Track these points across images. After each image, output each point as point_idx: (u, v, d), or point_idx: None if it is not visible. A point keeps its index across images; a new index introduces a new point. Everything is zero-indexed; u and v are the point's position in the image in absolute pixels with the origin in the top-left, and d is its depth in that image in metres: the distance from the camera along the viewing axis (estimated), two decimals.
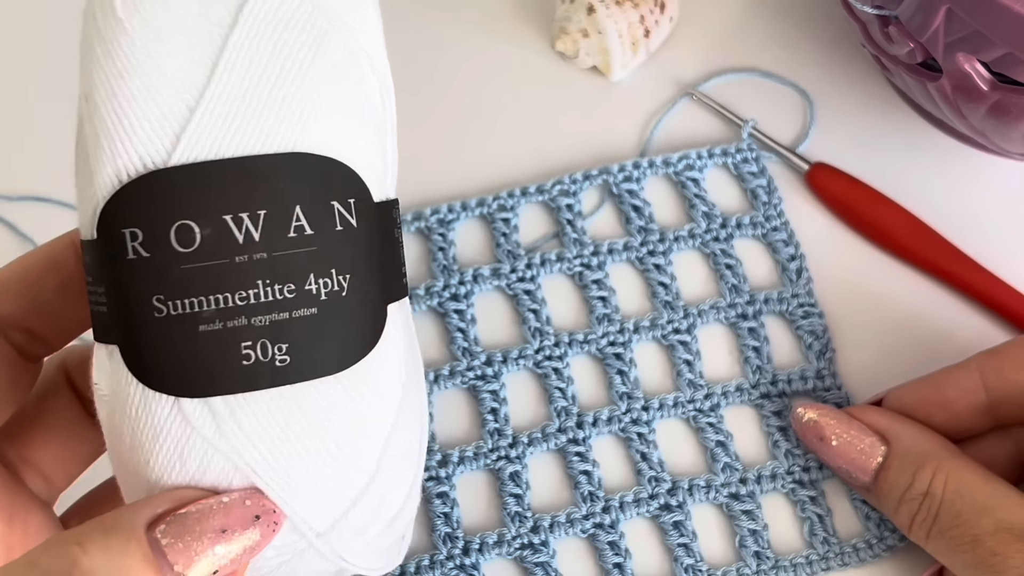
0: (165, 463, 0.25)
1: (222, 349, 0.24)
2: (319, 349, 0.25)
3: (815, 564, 0.37)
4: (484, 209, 0.43)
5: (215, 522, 0.24)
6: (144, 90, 0.25)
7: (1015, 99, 0.35)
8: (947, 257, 0.41)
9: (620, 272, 0.42)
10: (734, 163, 0.44)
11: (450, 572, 0.37)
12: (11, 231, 0.44)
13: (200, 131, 0.24)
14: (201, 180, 0.24)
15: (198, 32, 0.25)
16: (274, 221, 0.25)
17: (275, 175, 0.25)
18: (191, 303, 0.24)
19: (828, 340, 0.41)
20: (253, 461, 0.25)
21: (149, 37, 0.25)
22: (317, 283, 0.25)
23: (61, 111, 0.47)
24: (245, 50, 0.25)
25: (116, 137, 0.25)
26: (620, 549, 0.37)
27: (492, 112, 0.46)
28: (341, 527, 0.26)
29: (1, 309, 0.30)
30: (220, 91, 0.25)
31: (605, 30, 0.44)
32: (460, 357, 0.41)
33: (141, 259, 0.24)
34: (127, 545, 0.23)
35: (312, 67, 0.25)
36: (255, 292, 0.25)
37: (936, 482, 0.33)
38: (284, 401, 0.25)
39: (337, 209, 0.25)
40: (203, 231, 0.24)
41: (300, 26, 0.25)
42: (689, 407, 0.40)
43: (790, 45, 0.47)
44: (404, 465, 0.28)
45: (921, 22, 0.35)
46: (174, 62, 0.25)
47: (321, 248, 0.25)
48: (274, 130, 0.25)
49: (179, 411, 0.24)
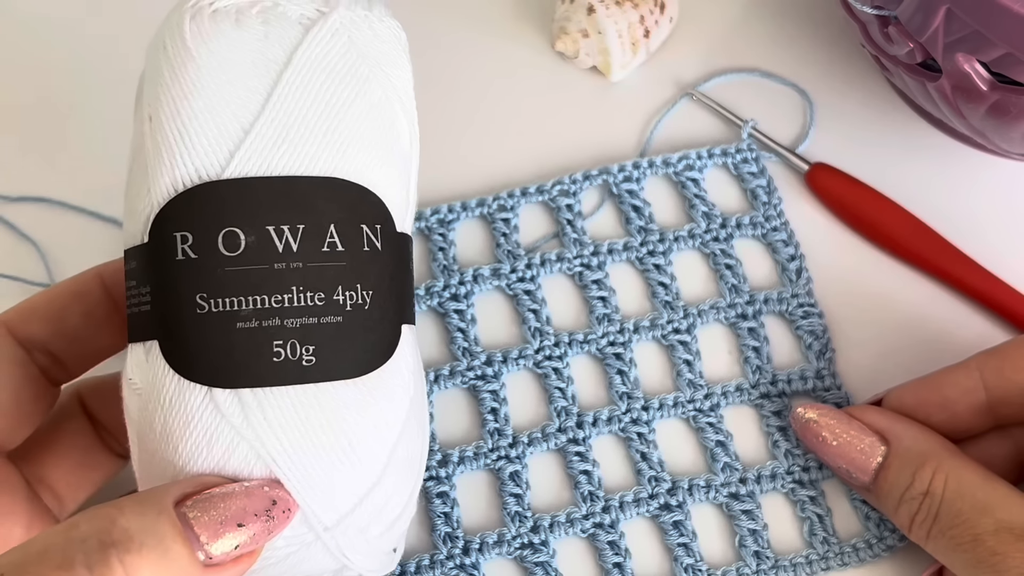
0: (193, 449, 0.27)
1: (256, 345, 0.27)
2: (342, 354, 0.28)
3: (815, 564, 0.37)
4: (484, 209, 0.43)
5: (237, 503, 0.26)
6: (205, 111, 0.28)
7: (1015, 99, 0.35)
8: (947, 257, 0.41)
9: (620, 272, 0.42)
10: (734, 163, 0.44)
11: (450, 572, 0.37)
12: (11, 231, 0.44)
13: (252, 150, 0.27)
14: (249, 193, 0.27)
15: (256, 66, 0.28)
16: (311, 235, 0.28)
17: (314, 195, 0.28)
18: (231, 302, 0.27)
19: (828, 340, 0.41)
20: (274, 451, 0.27)
21: (213, 65, 0.28)
22: (344, 295, 0.28)
23: (62, 112, 0.47)
24: (296, 85, 0.28)
25: (176, 151, 0.28)
26: (620, 549, 0.37)
27: (492, 112, 0.46)
28: (347, 523, 0.28)
29: (29, 332, 0.33)
30: (272, 117, 0.28)
31: (605, 30, 0.44)
32: (460, 357, 0.41)
33: (189, 260, 0.27)
34: (159, 514, 0.25)
35: (353, 105, 0.29)
36: (289, 297, 0.27)
37: (936, 482, 0.33)
38: (307, 398, 0.27)
39: (366, 232, 0.28)
40: (248, 238, 0.27)
41: (345, 69, 0.29)
42: (689, 407, 0.40)
43: (790, 45, 0.47)
44: (407, 471, 0.30)
45: (921, 22, 0.35)
46: (233, 89, 0.28)
47: (349, 264, 0.28)
48: (317, 155, 0.28)
49: (211, 400, 0.27)
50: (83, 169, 0.45)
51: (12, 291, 0.43)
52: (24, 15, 0.49)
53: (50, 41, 0.49)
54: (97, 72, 0.47)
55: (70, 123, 0.47)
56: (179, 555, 0.25)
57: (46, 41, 0.49)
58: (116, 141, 0.45)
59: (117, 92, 0.47)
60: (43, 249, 0.44)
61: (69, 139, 0.46)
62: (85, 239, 0.44)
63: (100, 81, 0.47)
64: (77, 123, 0.47)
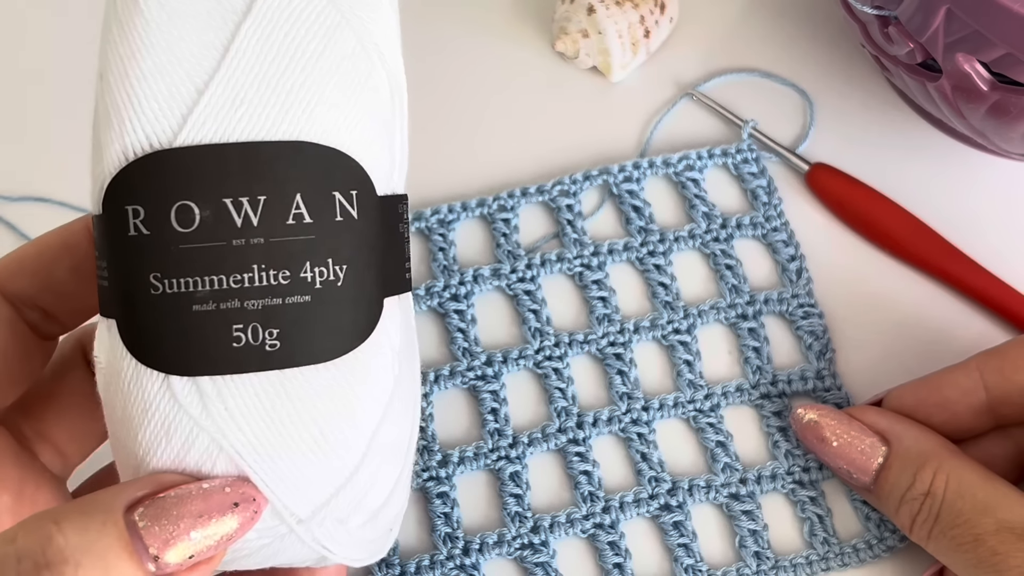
0: (152, 438, 0.25)
1: (214, 330, 0.25)
2: (310, 337, 0.25)
3: (815, 564, 0.37)
4: (484, 209, 0.43)
5: (193, 507, 0.24)
6: (155, 70, 0.25)
7: (1015, 99, 0.35)
8: (947, 257, 0.41)
9: (620, 272, 0.42)
10: (734, 163, 0.44)
11: (450, 572, 0.37)
12: (11, 231, 0.44)
13: (207, 114, 0.25)
14: (204, 162, 0.25)
15: (212, 17, 0.25)
16: (273, 207, 0.25)
17: (277, 162, 0.25)
18: (187, 282, 0.25)
19: (828, 340, 0.41)
20: (237, 443, 0.25)
21: (163, 19, 0.25)
22: (313, 271, 0.25)
23: (61, 112, 0.47)
24: (256, 37, 0.25)
25: (125, 115, 0.25)
26: (620, 549, 0.37)
27: (492, 112, 0.46)
28: (323, 515, 0.26)
29: (17, 287, 0.31)
30: (229, 76, 0.25)
31: (605, 30, 0.44)
32: (460, 357, 0.41)
33: (142, 236, 0.25)
34: (104, 526, 0.23)
35: (321, 58, 0.26)
36: (250, 276, 0.25)
37: (937, 482, 0.33)
38: (272, 386, 0.25)
39: (338, 199, 0.26)
40: (203, 213, 0.25)
41: (313, 17, 0.26)
42: (689, 407, 0.40)
43: (790, 45, 0.47)
44: (391, 459, 0.28)
45: (921, 22, 0.35)
46: (186, 45, 0.25)
47: (319, 237, 0.25)
48: (280, 118, 0.25)
49: (168, 388, 0.25)
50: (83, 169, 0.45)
51: None
52: (24, 15, 0.49)
53: (50, 41, 0.49)
54: None
55: (70, 123, 0.47)
56: (123, 571, 0.23)
57: (46, 41, 0.49)
58: None
59: None
60: None
61: (69, 139, 0.46)
62: None
63: None
64: (77, 123, 0.46)
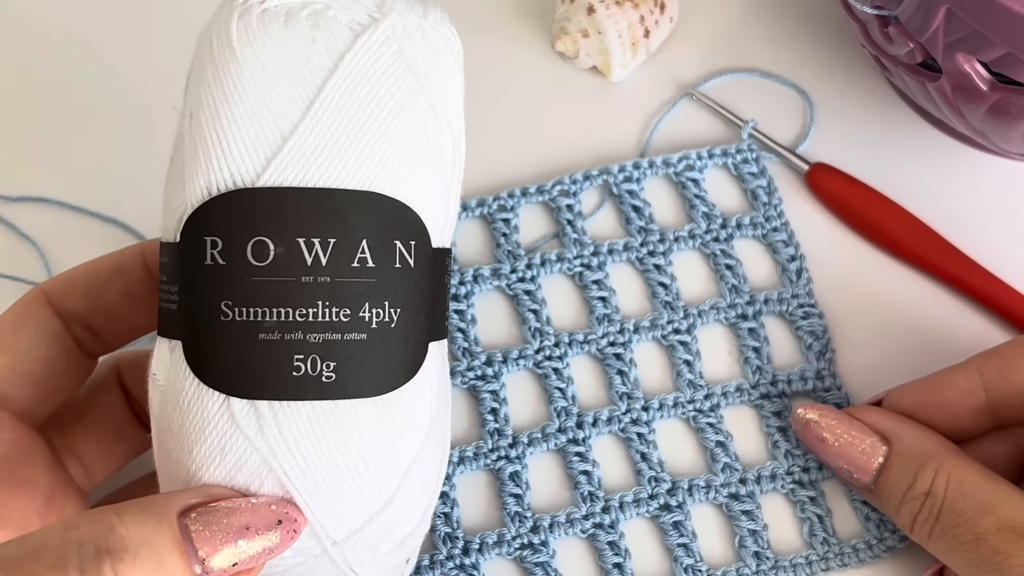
0: (207, 455, 0.27)
1: (276, 358, 0.27)
2: (363, 372, 0.27)
3: (815, 564, 0.37)
4: (484, 209, 0.43)
5: (242, 519, 0.26)
6: (245, 115, 0.27)
7: (1015, 99, 0.35)
8: (947, 257, 0.41)
9: (620, 272, 0.42)
10: (734, 163, 0.44)
11: (450, 572, 0.37)
12: (11, 231, 0.44)
13: (289, 159, 0.27)
14: (282, 203, 0.27)
15: (301, 72, 0.27)
16: (341, 250, 0.27)
17: (349, 209, 0.27)
18: (255, 312, 0.27)
19: (828, 341, 0.41)
20: (286, 465, 0.27)
21: (257, 69, 0.27)
22: (371, 312, 0.27)
23: (62, 112, 0.47)
24: (340, 94, 0.27)
25: (213, 153, 0.27)
26: (620, 549, 0.37)
27: (492, 112, 0.46)
28: (356, 539, 0.28)
29: (69, 304, 0.32)
30: (312, 127, 0.27)
31: (605, 30, 0.44)
32: (460, 357, 0.41)
33: (217, 266, 0.27)
34: (160, 524, 0.25)
35: (396, 118, 0.28)
36: (314, 311, 0.27)
37: (938, 482, 0.33)
38: (323, 415, 0.27)
39: (399, 248, 0.28)
40: (277, 249, 0.27)
41: (391, 81, 0.28)
42: (689, 407, 0.40)
43: (790, 45, 0.47)
44: (422, 492, 0.30)
45: (921, 22, 0.35)
46: (276, 95, 0.27)
47: (379, 281, 0.28)
48: (354, 169, 0.27)
49: (227, 408, 0.27)
50: (83, 169, 0.45)
51: (12, 291, 0.43)
52: (23, 16, 0.49)
53: (50, 42, 0.49)
54: (97, 72, 0.47)
55: (70, 123, 0.47)
56: (174, 568, 0.24)
57: (46, 41, 0.49)
58: (117, 141, 0.45)
59: (118, 92, 0.47)
60: (43, 249, 0.44)
61: (69, 139, 0.46)
62: (85, 239, 0.44)
63: (100, 81, 0.47)
64: (77, 123, 0.47)
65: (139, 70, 0.47)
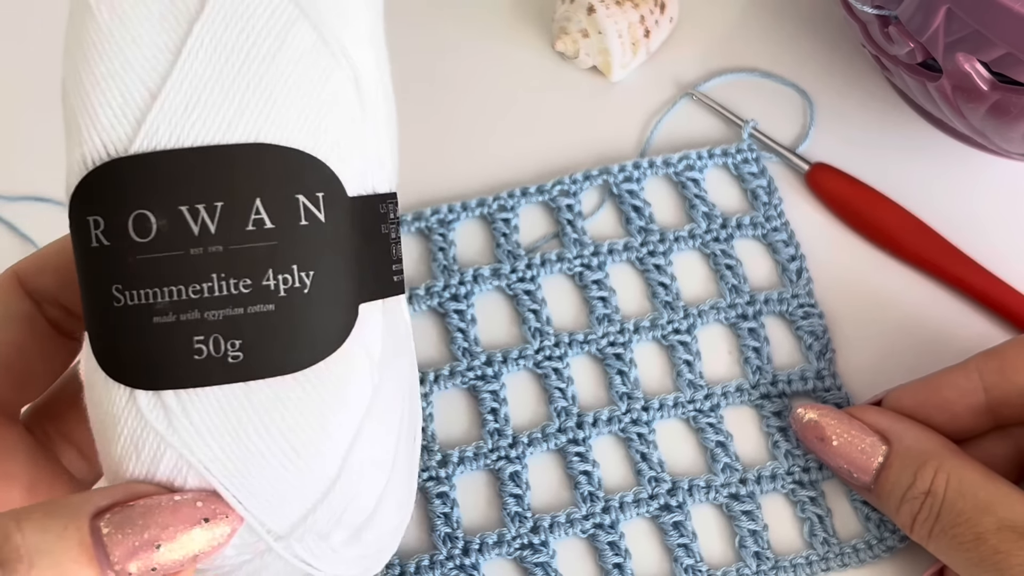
0: (123, 452, 0.25)
1: (174, 342, 0.24)
2: (275, 347, 0.25)
3: (815, 564, 0.37)
4: (484, 209, 0.43)
5: (160, 518, 0.24)
6: (108, 76, 0.24)
7: (1015, 99, 0.35)
8: (947, 257, 0.41)
9: (620, 272, 0.42)
10: (734, 163, 0.44)
11: (450, 572, 0.37)
12: (11, 231, 0.44)
13: (161, 119, 0.24)
14: (159, 169, 0.24)
15: (165, 19, 0.25)
16: (232, 213, 0.24)
17: (234, 166, 0.24)
18: (146, 294, 0.24)
19: (828, 340, 0.41)
20: (205, 458, 0.24)
21: (115, 23, 0.24)
22: (276, 279, 0.25)
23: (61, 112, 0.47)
24: (210, 37, 0.25)
25: (82, 123, 0.25)
26: (620, 549, 0.37)
27: (492, 112, 0.46)
28: (301, 532, 0.26)
29: (39, 283, 0.30)
30: (182, 79, 0.24)
31: (605, 30, 0.44)
32: (460, 357, 0.41)
33: (103, 247, 0.24)
34: (65, 530, 0.23)
35: (278, 56, 0.25)
36: (209, 286, 0.24)
37: (938, 481, 0.33)
38: (237, 399, 0.24)
39: (302, 202, 0.25)
40: (159, 221, 0.24)
41: (268, 14, 0.25)
42: (689, 407, 0.40)
43: (790, 45, 0.47)
44: (372, 473, 0.27)
45: (921, 22, 0.35)
46: (139, 49, 0.24)
47: (282, 243, 0.25)
48: (236, 120, 0.25)
49: (134, 402, 0.24)
50: None
51: None
52: (23, 16, 0.49)
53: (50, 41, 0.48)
54: None
55: None
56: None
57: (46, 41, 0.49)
58: None
59: None
60: None
61: None
62: None
63: None
64: None
65: None
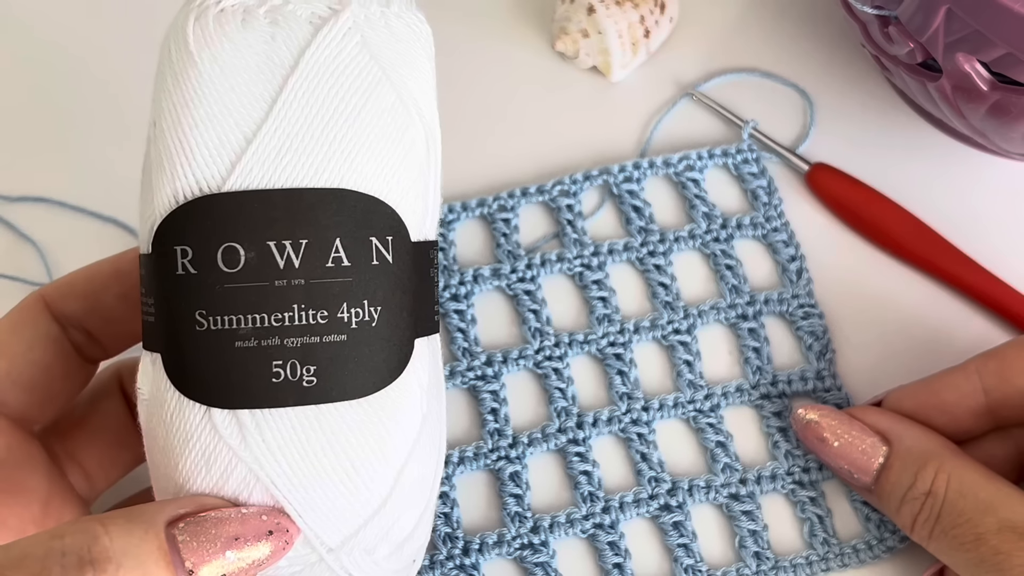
0: (192, 467, 0.27)
1: (254, 365, 0.26)
2: (345, 374, 0.27)
3: (815, 565, 0.37)
4: (484, 209, 0.43)
5: (231, 529, 0.25)
6: (207, 120, 0.27)
7: (1015, 99, 0.35)
8: (947, 257, 0.41)
9: (620, 272, 0.42)
10: (734, 164, 0.44)
11: (450, 572, 0.37)
12: (11, 231, 0.44)
13: (254, 162, 0.27)
14: (250, 207, 0.26)
15: (262, 71, 0.27)
16: (314, 251, 0.27)
17: (319, 208, 0.27)
18: (230, 320, 0.26)
19: (828, 341, 0.41)
20: (273, 474, 0.26)
21: (216, 72, 0.27)
22: (349, 312, 0.27)
23: (61, 112, 0.47)
24: (303, 91, 0.27)
25: (177, 161, 0.27)
26: (620, 549, 0.37)
27: (492, 112, 0.46)
28: (351, 545, 0.28)
29: (67, 308, 0.32)
30: (276, 126, 0.27)
31: (605, 30, 0.44)
32: (460, 357, 0.41)
33: (189, 275, 0.26)
34: (146, 534, 0.24)
35: (363, 111, 0.27)
36: (290, 315, 0.26)
37: (938, 482, 0.33)
38: (307, 420, 0.27)
39: (375, 244, 0.27)
40: (247, 254, 0.26)
41: (356, 73, 0.27)
42: (689, 407, 0.40)
43: (790, 45, 0.47)
44: (417, 493, 0.29)
45: (921, 22, 0.35)
46: (236, 97, 0.27)
47: (356, 280, 0.27)
48: (322, 166, 0.27)
49: (209, 420, 0.26)
50: (83, 169, 0.45)
51: (12, 291, 0.43)
52: (23, 15, 0.49)
53: (50, 41, 0.49)
54: (97, 72, 0.47)
55: (70, 123, 0.47)
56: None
57: (46, 41, 0.49)
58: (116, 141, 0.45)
59: (117, 92, 0.47)
60: (43, 249, 0.44)
61: (69, 139, 0.46)
62: (85, 239, 0.44)
63: (100, 81, 0.47)
64: (77, 123, 0.47)
65: (140, 70, 0.47)
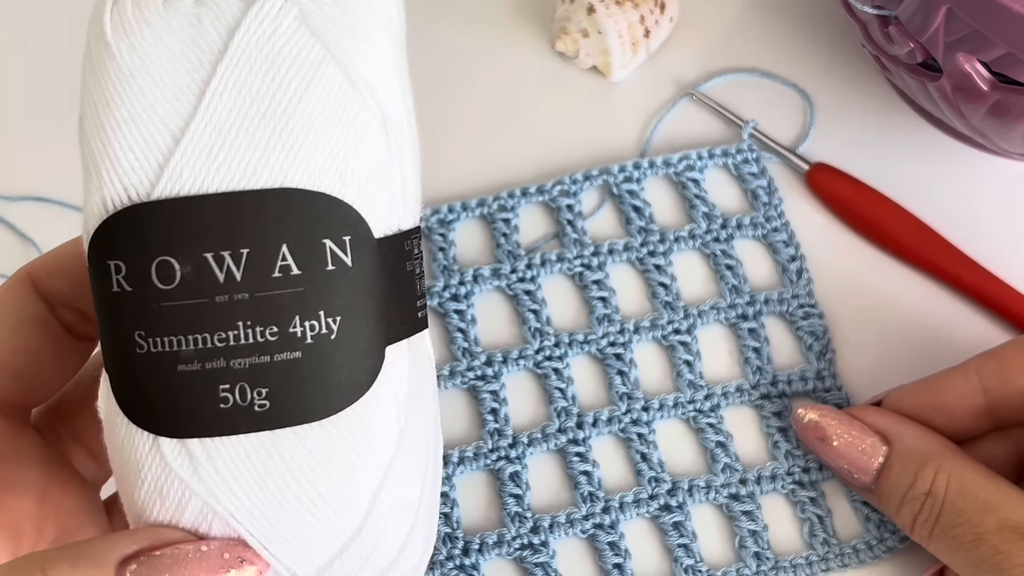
0: (147, 498, 0.24)
1: (200, 390, 0.24)
2: (302, 395, 0.24)
3: (815, 565, 0.37)
4: (484, 209, 0.43)
5: (187, 571, 0.23)
6: (129, 119, 0.24)
7: (1015, 99, 0.35)
8: (947, 257, 0.41)
9: (620, 273, 0.42)
10: (734, 164, 0.44)
11: (450, 572, 0.37)
12: (11, 231, 0.44)
13: (184, 164, 0.24)
14: (183, 215, 0.24)
15: (188, 59, 0.24)
16: (258, 260, 0.24)
17: (260, 212, 0.24)
18: (170, 341, 0.24)
19: (828, 341, 0.41)
20: (231, 506, 0.24)
21: (136, 64, 0.24)
22: (303, 326, 0.24)
23: (61, 111, 0.47)
24: (234, 79, 0.24)
25: (103, 167, 0.24)
26: (620, 549, 0.37)
27: (492, 112, 0.46)
28: (327, 575, 0.25)
29: (54, 285, 0.30)
30: (206, 122, 0.24)
31: (605, 30, 0.44)
32: (460, 357, 0.41)
33: (125, 293, 0.24)
34: None
35: (304, 97, 0.24)
36: (235, 334, 0.24)
37: (938, 481, 0.33)
38: (263, 447, 0.24)
39: (329, 247, 0.24)
40: (183, 269, 0.24)
41: (293, 54, 0.24)
42: (689, 407, 0.40)
43: (790, 45, 0.47)
44: (399, 515, 0.26)
45: (921, 22, 0.35)
46: (160, 91, 0.24)
47: (309, 289, 0.24)
48: (261, 164, 0.24)
49: (158, 450, 0.24)
50: None
51: None
52: (23, 16, 0.49)
53: (50, 41, 0.49)
54: None
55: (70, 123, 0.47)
56: None
57: (46, 41, 0.49)
58: None
59: None
60: (43, 249, 0.44)
61: (69, 139, 0.46)
62: None
63: None
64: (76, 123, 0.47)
65: None
